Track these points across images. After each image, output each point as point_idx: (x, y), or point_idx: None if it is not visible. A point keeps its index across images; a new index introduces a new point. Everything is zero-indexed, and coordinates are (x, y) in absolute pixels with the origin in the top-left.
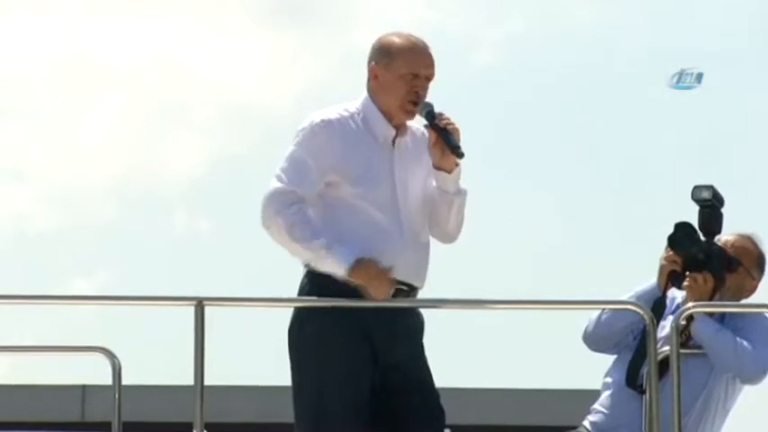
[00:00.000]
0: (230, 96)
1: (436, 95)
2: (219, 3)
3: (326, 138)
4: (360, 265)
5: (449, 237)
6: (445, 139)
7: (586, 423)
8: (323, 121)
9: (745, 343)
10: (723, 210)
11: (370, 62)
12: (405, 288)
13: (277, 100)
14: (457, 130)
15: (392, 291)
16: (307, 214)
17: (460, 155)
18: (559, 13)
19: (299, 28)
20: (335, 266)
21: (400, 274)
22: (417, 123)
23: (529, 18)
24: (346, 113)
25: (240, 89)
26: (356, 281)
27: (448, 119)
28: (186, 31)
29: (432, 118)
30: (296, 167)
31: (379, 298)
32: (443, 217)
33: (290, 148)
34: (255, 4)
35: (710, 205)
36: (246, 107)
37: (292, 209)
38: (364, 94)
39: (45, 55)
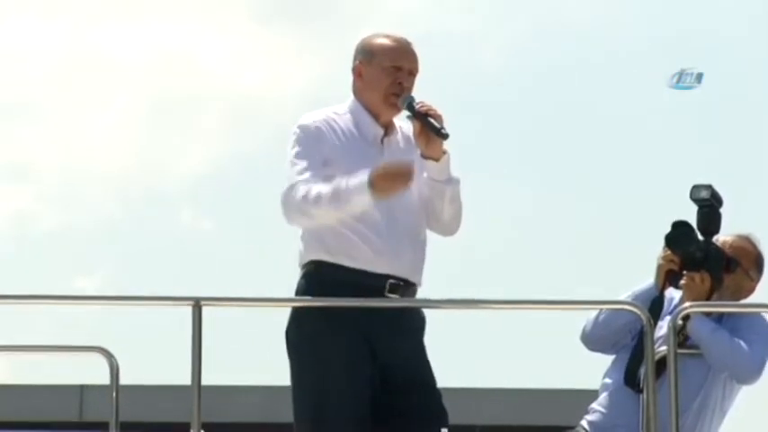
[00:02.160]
0: (235, 94)
1: (441, 98)
2: (224, 0)
3: (317, 135)
4: (376, 177)
5: (447, 229)
6: (427, 125)
7: (584, 423)
8: (312, 121)
9: (741, 342)
10: (722, 209)
11: (354, 62)
12: (401, 284)
13: (283, 98)
14: (439, 116)
15: (408, 175)
16: (315, 182)
17: (445, 136)
18: (561, 14)
19: (305, 25)
20: (360, 197)
21: (395, 270)
22: (407, 124)
23: (532, 19)
24: (334, 115)
25: (245, 87)
26: (383, 191)
27: (429, 105)
28: (191, 29)
29: (412, 108)
30: (301, 163)
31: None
32: (438, 208)
33: (289, 153)
34: (260, 2)
35: (709, 205)
36: (252, 105)
37: (301, 190)
38: (351, 96)
39: (49, 54)
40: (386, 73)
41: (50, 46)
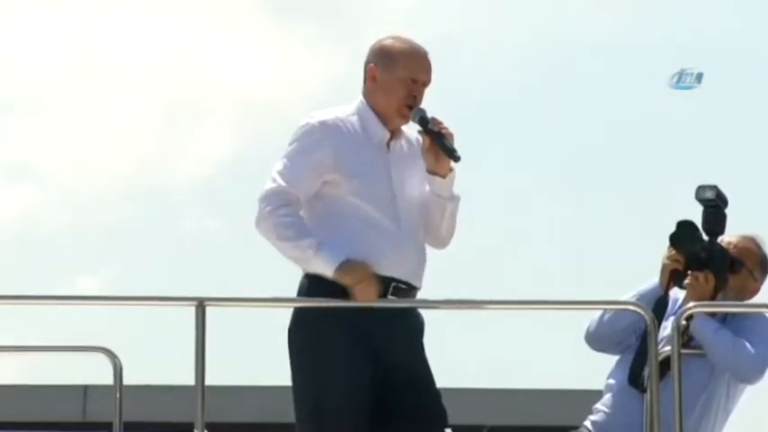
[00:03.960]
0: (243, 95)
1: (449, 101)
2: (233, 0)
3: (322, 137)
4: (347, 265)
5: (441, 242)
6: (440, 144)
7: (588, 423)
8: (318, 121)
9: (744, 342)
10: (727, 210)
11: (368, 63)
12: (403, 287)
13: (291, 98)
14: (451, 135)
15: (379, 293)
16: (298, 215)
17: (457, 158)
18: (564, 15)
19: (314, 26)
20: (323, 267)
21: (399, 273)
22: (412, 130)
23: (539, 26)
24: (342, 115)
25: (253, 87)
26: (342, 281)
27: (441, 123)
28: (199, 28)
29: (425, 123)
30: (291, 168)
31: (365, 301)
32: (436, 222)
33: (286, 149)
34: (269, 2)
35: (714, 205)
36: (260, 106)
37: (283, 210)
38: (359, 97)
39: (55, 51)
40: (402, 84)
41: (56, 44)
